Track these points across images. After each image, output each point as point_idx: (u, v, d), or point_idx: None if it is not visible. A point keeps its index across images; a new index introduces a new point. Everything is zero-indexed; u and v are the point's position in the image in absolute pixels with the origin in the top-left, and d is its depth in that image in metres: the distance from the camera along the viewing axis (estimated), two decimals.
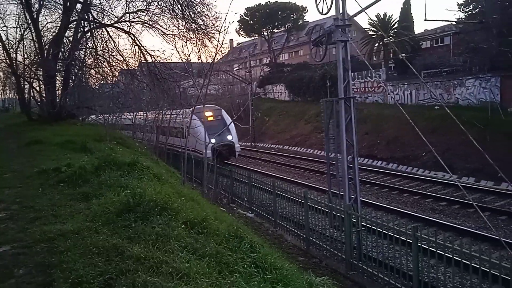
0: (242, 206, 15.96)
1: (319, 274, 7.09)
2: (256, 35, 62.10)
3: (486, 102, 25.69)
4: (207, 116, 22.71)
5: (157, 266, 3.99)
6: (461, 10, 32.99)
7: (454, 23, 35.89)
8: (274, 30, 59.08)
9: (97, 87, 23.81)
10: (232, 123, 25.27)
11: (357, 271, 9.52)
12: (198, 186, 16.59)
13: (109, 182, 7.14)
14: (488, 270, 6.94)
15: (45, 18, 28.82)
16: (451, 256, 7.98)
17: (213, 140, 22.33)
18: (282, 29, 58.74)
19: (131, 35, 19.73)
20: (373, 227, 9.39)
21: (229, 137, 25.55)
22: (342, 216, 10.14)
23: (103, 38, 20.28)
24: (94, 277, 3.71)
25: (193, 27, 19.54)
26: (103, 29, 20.24)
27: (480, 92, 26.90)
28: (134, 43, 19.71)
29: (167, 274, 3.88)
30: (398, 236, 8.81)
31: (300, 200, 11.85)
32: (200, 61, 19.05)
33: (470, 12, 32.38)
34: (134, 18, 20.02)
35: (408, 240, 8.43)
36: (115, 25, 20.16)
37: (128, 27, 19.93)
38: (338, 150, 11.70)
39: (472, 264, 7.17)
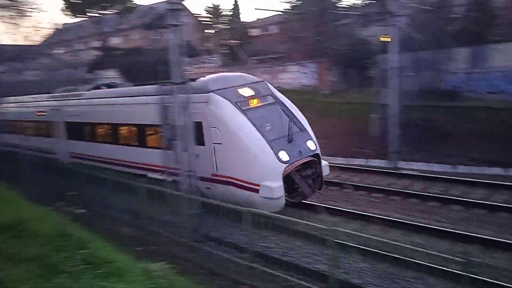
0: (72, 202, 14.68)
1: (158, 261, 7.05)
2: (84, 16, 57.10)
3: (306, 86, 28.95)
4: (247, 96, 11.71)
5: None
6: (287, 1, 36.06)
7: (281, 13, 39.13)
8: (104, 12, 55.18)
9: None
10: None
11: (198, 252, 9.81)
12: (18, 186, 14.65)
13: None
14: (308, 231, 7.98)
15: None
16: (280, 225, 8.88)
17: (283, 156, 10.68)
18: (114, 11, 55.28)
19: None
20: (210, 208, 9.78)
21: (311, 145, 11.99)
22: (181, 201, 10.29)
23: None
24: None
25: (5, 4, 16.99)
26: None
27: (301, 77, 30.10)
28: None
29: None
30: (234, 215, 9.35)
31: (136, 189, 11.54)
32: (14, 43, 16.71)
33: (294, 4, 35.62)
34: None
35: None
36: None
37: None
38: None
39: (300, 230, 8.15)
